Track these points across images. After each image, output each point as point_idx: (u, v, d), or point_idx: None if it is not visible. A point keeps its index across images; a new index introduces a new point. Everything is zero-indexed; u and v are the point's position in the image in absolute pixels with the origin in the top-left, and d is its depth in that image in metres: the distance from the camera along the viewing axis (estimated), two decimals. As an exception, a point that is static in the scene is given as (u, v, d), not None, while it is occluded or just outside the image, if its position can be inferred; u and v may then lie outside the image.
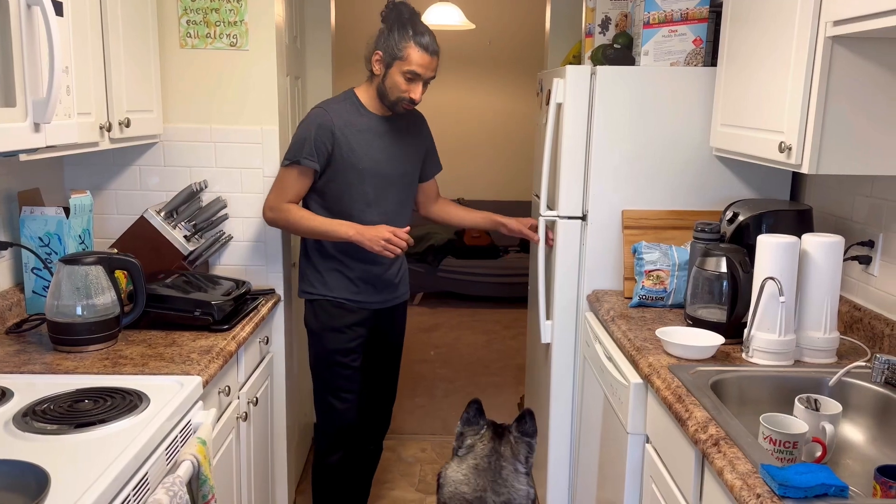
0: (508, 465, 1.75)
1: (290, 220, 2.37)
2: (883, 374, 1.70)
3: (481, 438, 1.75)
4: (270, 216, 2.40)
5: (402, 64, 2.25)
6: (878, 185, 2.03)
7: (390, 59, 2.27)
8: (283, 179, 2.38)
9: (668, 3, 2.38)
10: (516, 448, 1.80)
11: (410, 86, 2.28)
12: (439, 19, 5.04)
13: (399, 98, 2.30)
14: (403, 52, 2.24)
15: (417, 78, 2.27)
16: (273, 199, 2.39)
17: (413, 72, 2.26)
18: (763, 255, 1.85)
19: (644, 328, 2.14)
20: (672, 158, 2.46)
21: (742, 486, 1.27)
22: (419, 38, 2.25)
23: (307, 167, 2.33)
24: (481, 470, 1.70)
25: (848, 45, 1.70)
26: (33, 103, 1.47)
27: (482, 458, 1.71)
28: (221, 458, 2.02)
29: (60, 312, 1.89)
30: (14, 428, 1.45)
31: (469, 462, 1.71)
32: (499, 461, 1.73)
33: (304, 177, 2.36)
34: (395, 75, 2.28)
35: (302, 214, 2.36)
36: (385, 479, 3.26)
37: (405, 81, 2.27)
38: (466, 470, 1.70)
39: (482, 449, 1.73)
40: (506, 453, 1.77)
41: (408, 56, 2.25)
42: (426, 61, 2.26)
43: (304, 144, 2.32)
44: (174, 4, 2.47)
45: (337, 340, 2.45)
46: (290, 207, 2.37)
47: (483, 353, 5.04)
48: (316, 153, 2.32)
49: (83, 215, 2.25)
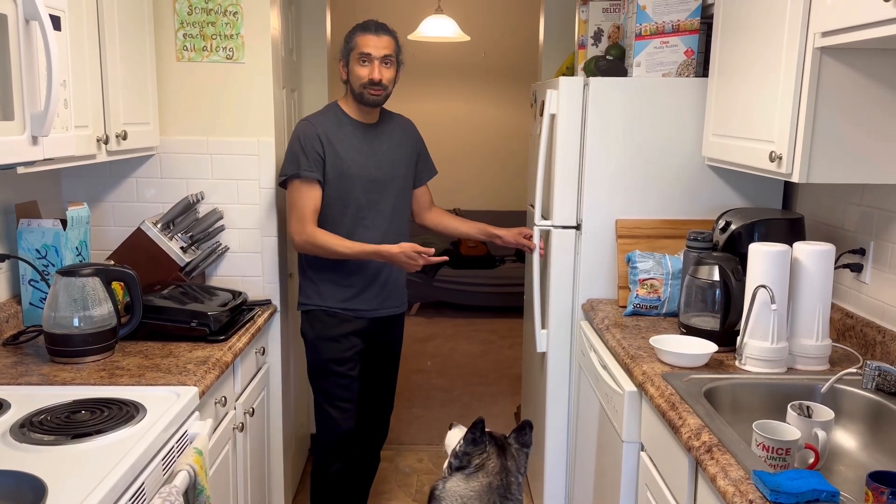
0: (514, 480, 1.78)
1: (318, 246, 2.36)
2: (874, 381, 1.71)
3: (488, 457, 1.76)
4: (299, 241, 2.38)
5: (354, 53, 2.38)
6: (869, 193, 2.05)
7: (346, 55, 2.40)
8: (295, 201, 2.38)
9: (659, 15, 2.40)
10: (518, 460, 1.82)
11: (366, 67, 2.36)
12: (434, 31, 5.08)
13: (362, 85, 2.38)
14: (352, 42, 2.39)
15: (370, 58, 2.36)
16: (295, 224, 2.38)
17: (363, 53, 2.36)
18: (755, 263, 1.87)
19: (638, 336, 2.15)
20: (665, 168, 2.48)
21: (735, 493, 1.28)
22: (364, 26, 2.40)
23: (310, 178, 2.35)
24: (494, 488, 1.72)
25: (836, 56, 1.73)
26: (31, 116, 1.49)
27: (494, 475, 1.74)
28: (218, 469, 2.02)
29: (57, 324, 1.89)
30: (11, 439, 1.46)
31: (481, 481, 1.73)
32: (507, 476, 1.75)
33: (312, 189, 2.37)
34: (353, 67, 2.39)
35: (330, 240, 2.36)
36: (382, 489, 3.25)
37: (361, 66, 2.37)
38: (479, 488, 1.72)
39: (493, 467, 1.75)
40: (512, 468, 1.79)
41: (357, 43, 2.38)
42: (372, 40, 2.36)
43: (298, 159, 2.35)
44: (171, 18, 2.49)
45: (332, 350, 2.46)
46: (317, 234, 2.36)
47: (479, 363, 5.04)
48: (313, 164, 2.35)
49: (80, 227, 2.26)
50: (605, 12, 2.64)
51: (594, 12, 2.65)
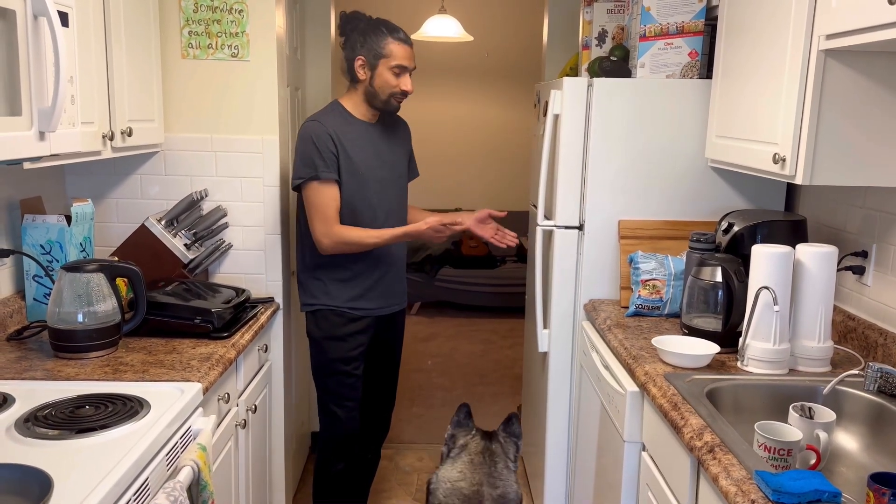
0: (501, 461, 1.80)
1: (350, 242, 2.35)
2: (876, 383, 1.72)
3: (473, 437, 1.80)
4: (327, 243, 2.35)
5: (387, 61, 2.34)
6: (872, 196, 2.05)
7: (374, 59, 2.35)
8: (316, 203, 2.34)
9: (664, 17, 2.41)
10: (506, 446, 1.86)
11: (400, 79, 2.37)
12: (437, 31, 5.08)
13: (392, 93, 2.38)
14: (386, 49, 2.34)
15: (405, 70, 2.36)
16: (321, 226, 2.34)
17: (400, 65, 2.35)
18: (758, 264, 1.87)
19: (640, 337, 2.16)
20: (668, 169, 2.49)
21: (737, 493, 1.29)
22: (396, 34, 2.36)
23: (328, 179, 2.34)
24: (476, 465, 1.74)
25: (840, 59, 1.73)
26: (39, 112, 1.49)
27: (476, 454, 1.77)
28: (220, 465, 2.03)
29: (62, 319, 1.90)
30: (16, 433, 1.46)
31: (464, 459, 1.76)
32: (492, 457, 1.79)
33: (332, 189, 2.35)
34: (383, 74, 2.35)
35: (359, 234, 2.36)
36: (383, 487, 3.26)
37: (394, 77, 2.36)
38: (462, 466, 1.75)
39: (475, 446, 1.78)
40: (497, 451, 1.82)
41: (391, 52, 2.34)
42: (408, 53, 2.37)
43: (314, 160, 2.32)
44: (176, 15, 2.50)
45: (339, 349, 2.46)
46: (343, 231, 2.35)
47: (480, 363, 5.05)
48: (329, 164, 2.33)
49: (84, 223, 2.26)
50: (609, 13, 2.65)
51: (599, 13, 2.66)
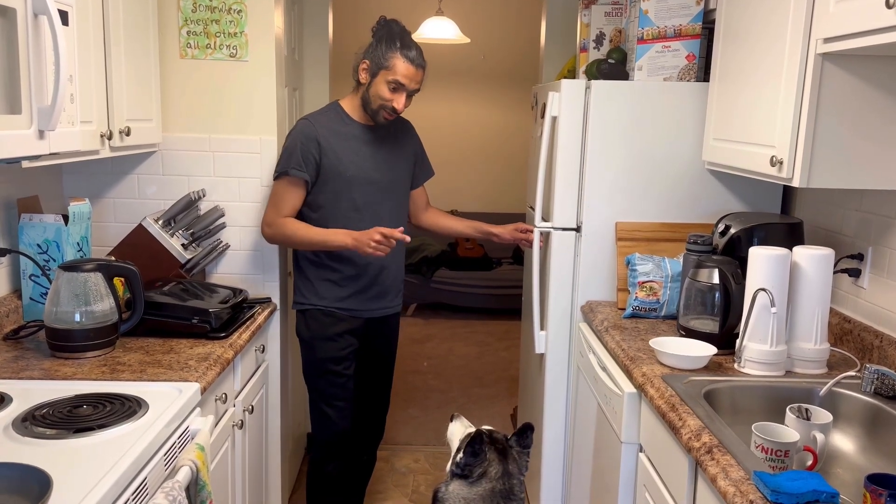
0: (517, 482, 1.80)
1: (286, 234, 2.38)
2: (872, 384, 1.72)
3: (490, 464, 1.78)
4: (268, 232, 2.41)
5: (387, 73, 2.31)
6: (868, 199, 2.06)
7: (376, 68, 2.33)
8: (276, 194, 2.40)
9: (661, 20, 2.42)
10: (520, 462, 1.84)
11: (394, 95, 2.33)
12: (434, 33, 5.08)
13: (381, 106, 2.35)
14: (389, 61, 2.30)
15: (401, 88, 2.32)
16: (269, 215, 2.40)
17: (398, 81, 2.31)
18: (755, 266, 1.88)
19: (637, 338, 2.16)
20: (665, 172, 2.50)
21: (735, 493, 1.29)
22: (406, 50, 2.32)
23: (297, 178, 2.35)
24: (497, 491, 1.74)
25: (838, 62, 1.74)
26: (38, 111, 1.49)
27: (497, 480, 1.76)
28: (217, 465, 2.03)
29: (59, 319, 1.89)
30: (14, 432, 1.46)
31: (485, 486, 1.75)
32: (510, 480, 1.77)
33: (296, 188, 2.37)
34: (379, 84, 2.33)
35: (297, 227, 2.37)
36: (378, 489, 3.26)
37: (389, 91, 2.32)
38: (482, 492, 1.74)
39: (495, 473, 1.77)
40: (513, 471, 1.81)
41: (393, 66, 2.30)
42: (411, 73, 2.32)
43: (291, 156, 2.35)
44: (175, 15, 2.50)
45: (328, 349, 2.46)
46: (286, 222, 2.38)
47: (476, 365, 5.05)
48: (304, 163, 2.34)
49: (82, 223, 2.26)
50: (607, 16, 2.66)
51: (596, 16, 2.67)
